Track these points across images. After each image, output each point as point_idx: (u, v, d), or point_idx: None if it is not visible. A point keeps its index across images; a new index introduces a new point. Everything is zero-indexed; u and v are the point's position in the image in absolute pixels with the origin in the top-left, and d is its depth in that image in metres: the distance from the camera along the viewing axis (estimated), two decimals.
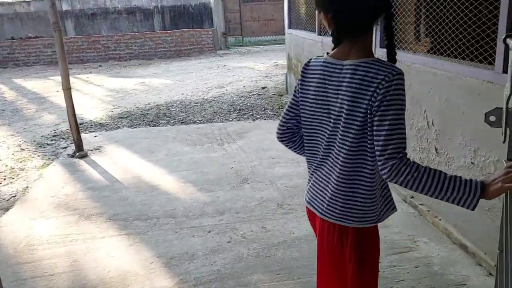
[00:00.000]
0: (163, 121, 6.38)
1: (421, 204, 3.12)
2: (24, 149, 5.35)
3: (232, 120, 6.26)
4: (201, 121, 6.25)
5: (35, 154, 5.12)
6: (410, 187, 1.21)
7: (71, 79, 11.28)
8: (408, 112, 3.18)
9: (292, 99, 1.45)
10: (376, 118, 1.21)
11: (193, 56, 15.57)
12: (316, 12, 5.29)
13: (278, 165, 4.26)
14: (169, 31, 15.76)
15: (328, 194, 1.36)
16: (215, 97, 8.03)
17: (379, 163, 1.23)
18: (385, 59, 1.27)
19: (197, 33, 15.74)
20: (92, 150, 5.01)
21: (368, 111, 1.22)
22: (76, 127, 4.72)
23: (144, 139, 5.39)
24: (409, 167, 1.19)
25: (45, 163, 4.75)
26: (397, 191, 3.44)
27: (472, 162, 2.47)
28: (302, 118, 1.42)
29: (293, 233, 2.98)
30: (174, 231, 3.08)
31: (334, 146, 1.32)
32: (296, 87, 1.42)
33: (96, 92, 9.29)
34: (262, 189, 3.74)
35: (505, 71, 2.14)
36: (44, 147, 5.41)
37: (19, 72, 13.43)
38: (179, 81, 10.42)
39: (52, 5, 4.21)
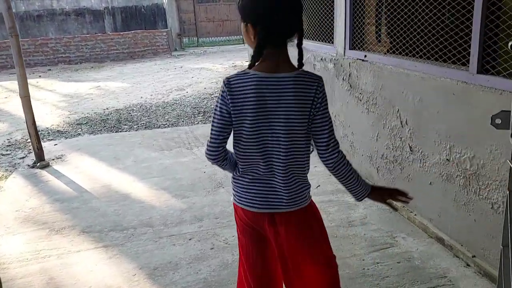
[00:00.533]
0: (126, 126, 6.20)
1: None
2: None
3: (198, 123, 6.19)
4: (166, 125, 6.13)
5: None
6: (341, 174, 1.51)
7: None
8: (380, 111, 3.28)
9: (221, 119, 1.46)
10: (318, 119, 1.42)
11: (147, 58, 15.25)
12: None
13: None
14: (121, 33, 15.34)
15: (283, 191, 1.50)
16: (176, 100, 7.90)
17: (325, 155, 1.47)
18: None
19: (151, 34, 15.43)
20: (53, 159, 4.78)
21: (311, 114, 1.42)
22: (37, 136, 4.49)
23: (108, 145, 5.21)
24: (345, 158, 1.49)
25: (2, 175, 4.48)
26: None
27: (447, 159, 2.58)
28: (243, 129, 1.44)
29: None
30: (153, 240, 3.00)
31: (276, 150, 1.46)
32: (219, 107, 1.44)
33: (49, 98, 8.88)
34: None
35: (480, 71, 2.25)
36: None
37: None
38: (136, 84, 10.17)
39: (8, 9, 3.97)
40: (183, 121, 6.32)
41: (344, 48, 3.77)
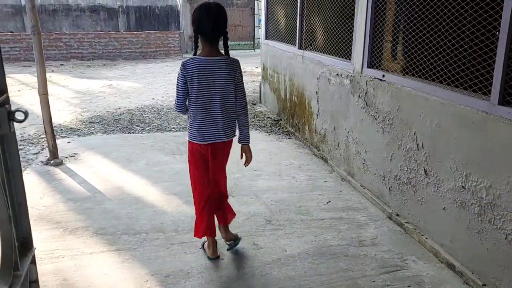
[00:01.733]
0: (138, 127, 6.25)
1: (406, 222, 3.24)
2: None
3: None
4: (177, 129, 6.18)
5: None
6: (240, 120, 2.73)
7: (31, 78, 10.86)
8: (396, 132, 3.31)
9: (182, 87, 2.58)
10: (238, 85, 2.64)
11: (159, 59, 15.34)
12: (298, 24, 5.39)
13: (261, 178, 4.29)
14: (135, 32, 15.45)
15: (224, 128, 2.64)
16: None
17: (239, 105, 2.68)
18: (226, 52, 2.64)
19: (163, 36, 15.53)
20: (67, 157, 4.84)
21: (235, 81, 2.61)
22: (52, 133, 4.54)
23: (121, 146, 5.26)
24: (247, 113, 2.75)
25: None
26: (381, 208, 3.56)
27: (463, 186, 2.60)
28: (193, 92, 2.55)
29: (286, 250, 3.01)
30: (165, 247, 3.04)
31: (221, 102, 2.58)
32: (181, 80, 2.56)
33: (62, 93, 8.96)
34: (248, 203, 3.75)
35: (501, 103, 2.28)
36: None
37: None
38: (148, 84, 10.24)
39: (32, 8, 4.04)
40: None
41: (362, 66, 3.81)
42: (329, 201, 3.75)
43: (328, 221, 3.42)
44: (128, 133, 5.98)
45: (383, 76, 3.47)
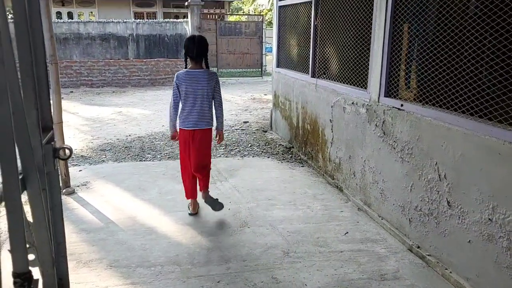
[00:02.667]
0: (149, 155, 6.23)
1: (428, 255, 3.15)
2: None
3: (220, 156, 6.20)
4: None
5: None
6: (216, 115, 3.90)
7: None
8: (416, 162, 3.26)
9: (176, 92, 3.76)
10: (216, 90, 3.80)
11: (168, 86, 15.47)
12: (311, 53, 5.41)
13: (276, 208, 4.22)
14: (144, 60, 15.65)
15: (203, 119, 3.73)
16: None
17: (217, 103, 3.85)
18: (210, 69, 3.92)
19: (172, 63, 15.72)
20: (79, 186, 4.80)
21: (213, 86, 3.75)
22: (65, 162, 4.52)
23: (132, 175, 5.23)
24: (222, 111, 3.92)
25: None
26: (401, 240, 3.46)
27: (489, 219, 2.53)
28: (183, 94, 3.71)
29: (306, 284, 2.92)
30: (182, 280, 2.95)
31: (201, 101, 3.69)
32: (176, 87, 3.74)
33: (72, 121, 9.01)
34: (264, 234, 3.67)
35: None
36: None
37: None
38: (158, 111, 10.28)
39: (51, 38, 4.09)
40: None
41: (379, 95, 3.79)
42: (347, 232, 3.67)
43: (347, 253, 3.33)
44: (140, 160, 5.96)
45: (402, 105, 3.44)
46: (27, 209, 1.38)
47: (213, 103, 3.84)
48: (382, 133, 3.74)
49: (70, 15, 22.09)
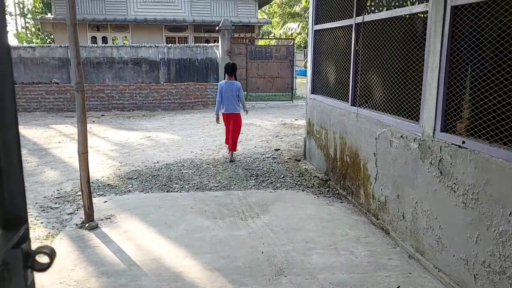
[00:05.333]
0: (177, 185, 5.93)
1: None
2: None
3: (251, 187, 5.84)
4: (218, 188, 5.81)
5: (37, 220, 4.61)
6: (243, 104, 7.53)
7: (72, 129, 10.94)
8: (483, 210, 2.79)
9: (219, 92, 7.37)
10: (239, 92, 7.37)
11: (197, 109, 15.36)
12: (351, 80, 5.04)
13: (315, 252, 3.79)
14: (174, 84, 15.64)
15: (234, 107, 7.33)
16: (226, 158, 7.63)
17: (240, 99, 7.42)
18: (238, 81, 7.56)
19: (202, 87, 15.64)
20: (102, 219, 4.52)
21: (238, 90, 7.35)
22: (89, 194, 4.26)
23: (158, 208, 4.91)
24: (243, 100, 7.56)
25: (49, 233, 4.24)
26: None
27: None
28: (223, 93, 7.25)
29: None
30: None
31: (232, 97, 7.27)
32: (219, 91, 7.33)
33: (101, 146, 8.87)
34: (303, 285, 3.24)
35: None
36: (48, 212, 4.90)
37: (19, 118, 12.99)
38: (186, 136, 10.07)
39: (78, 65, 3.88)
40: (235, 184, 5.99)
41: (434, 129, 3.36)
42: (399, 286, 3.20)
43: None
44: (167, 191, 5.66)
45: (463, 142, 3.01)
46: None
47: (238, 99, 7.35)
48: (438, 173, 3.30)
49: (104, 40, 22.57)
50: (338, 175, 5.50)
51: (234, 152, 7.42)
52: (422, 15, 3.85)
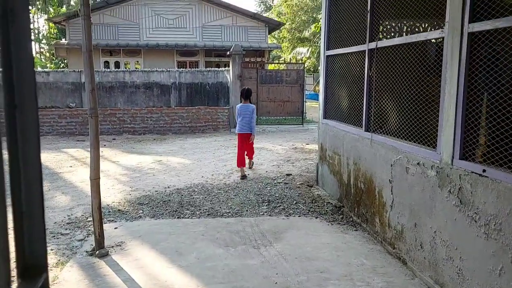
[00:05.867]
0: (188, 211, 5.86)
1: None
2: None
3: (263, 214, 5.75)
4: (229, 214, 5.73)
5: (47, 247, 4.55)
6: (254, 125, 8.31)
7: (84, 153, 10.99)
8: (508, 241, 2.69)
9: (237, 115, 8.30)
10: (252, 114, 8.19)
11: (207, 133, 15.40)
12: (364, 105, 5.00)
13: (330, 283, 3.67)
14: (185, 107, 15.75)
15: (245, 128, 8.17)
16: (238, 183, 7.57)
17: (253, 120, 8.24)
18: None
19: (213, 111, 15.71)
20: (113, 246, 4.45)
21: (251, 112, 8.18)
22: (100, 221, 4.21)
23: (169, 235, 4.84)
24: (255, 121, 8.42)
25: (59, 260, 4.18)
26: None
27: None
28: (238, 115, 8.21)
29: None
30: None
31: (245, 118, 8.14)
32: (237, 112, 8.22)
33: (112, 170, 8.88)
34: None
35: None
36: (58, 238, 4.86)
37: None
38: (197, 160, 10.04)
39: (92, 91, 3.90)
40: (247, 211, 5.90)
41: (452, 156, 3.28)
42: None
43: None
44: (178, 217, 5.59)
45: (484, 171, 2.92)
46: None
47: (251, 121, 8.17)
48: (458, 202, 3.20)
49: (117, 64, 22.93)
50: (352, 202, 5.40)
51: (251, 160, 8.95)
52: (435, 40, 3.83)
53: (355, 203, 5.30)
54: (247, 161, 8.70)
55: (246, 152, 8.43)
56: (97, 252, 4.22)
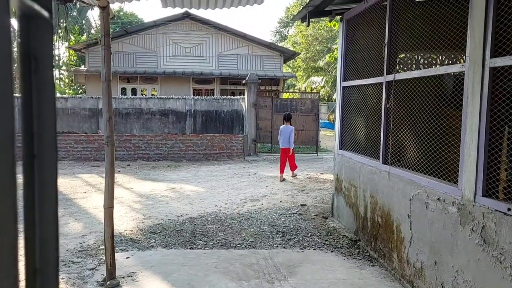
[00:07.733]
0: (201, 241, 5.78)
1: None
2: None
3: (277, 246, 5.63)
4: (243, 245, 5.63)
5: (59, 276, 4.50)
6: (292, 143, 11.37)
7: (98, 179, 11.04)
8: None
9: (279, 133, 11.49)
10: (292, 133, 11.26)
11: (221, 161, 15.39)
12: (382, 137, 4.93)
13: None
14: (200, 135, 15.83)
15: (288, 143, 11.15)
16: (251, 213, 7.48)
17: (290, 138, 11.22)
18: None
19: (227, 138, 15.75)
20: (124, 277, 4.38)
21: (290, 132, 11.30)
22: (112, 251, 4.16)
23: (181, 266, 4.75)
24: (293, 138, 11.49)
25: None
26: None
27: None
28: (280, 134, 11.34)
29: None
30: None
31: (286, 136, 11.17)
32: (280, 130, 11.38)
33: (125, 197, 8.87)
34: None
35: None
36: (69, 266, 4.81)
37: None
38: (211, 188, 9.99)
39: (109, 119, 3.92)
40: (261, 242, 5.79)
41: (475, 193, 3.18)
42: None
43: None
44: (190, 248, 5.50)
45: (509, 209, 2.81)
46: None
47: (289, 138, 10.97)
48: (481, 241, 3.08)
49: (133, 91, 23.33)
50: (369, 236, 5.26)
51: (293, 172, 11.58)
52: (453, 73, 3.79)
53: (372, 237, 5.16)
54: (284, 174, 11.31)
55: (288, 164, 11.37)
56: (108, 282, 4.15)
